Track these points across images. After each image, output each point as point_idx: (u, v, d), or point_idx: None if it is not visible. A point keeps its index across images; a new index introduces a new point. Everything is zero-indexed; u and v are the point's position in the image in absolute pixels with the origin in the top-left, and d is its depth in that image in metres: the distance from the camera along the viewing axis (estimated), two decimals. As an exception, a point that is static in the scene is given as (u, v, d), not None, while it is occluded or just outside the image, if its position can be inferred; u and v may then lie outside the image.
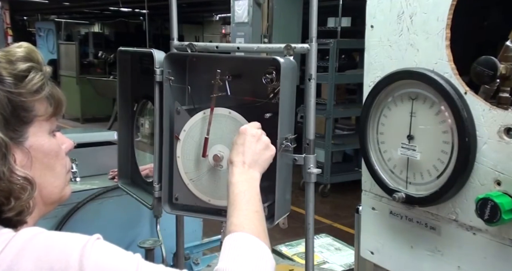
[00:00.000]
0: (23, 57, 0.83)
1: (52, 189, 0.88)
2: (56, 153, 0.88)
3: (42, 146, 0.85)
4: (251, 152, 1.13)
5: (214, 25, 16.41)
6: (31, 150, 0.82)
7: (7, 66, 0.81)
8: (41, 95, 0.83)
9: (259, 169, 1.13)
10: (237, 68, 1.39)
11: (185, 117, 1.39)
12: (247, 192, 1.05)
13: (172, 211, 1.46)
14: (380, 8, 1.29)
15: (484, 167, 1.09)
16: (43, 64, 0.87)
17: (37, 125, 0.84)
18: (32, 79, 0.82)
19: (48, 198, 0.88)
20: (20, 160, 0.80)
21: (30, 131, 0.82)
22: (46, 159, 0.86)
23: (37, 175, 0.83)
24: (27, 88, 0.81)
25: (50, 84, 0.86)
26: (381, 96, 1.28)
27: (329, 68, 5.70)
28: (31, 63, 0.84)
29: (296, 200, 1.52)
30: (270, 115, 1.30)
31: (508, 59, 1.06)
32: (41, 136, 0.84)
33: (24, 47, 0.86)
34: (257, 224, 0.98)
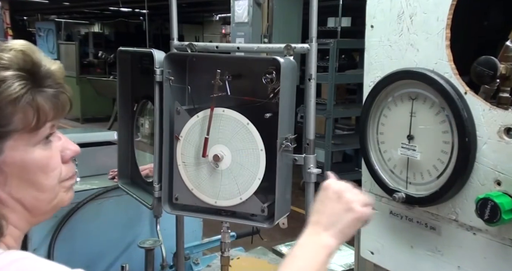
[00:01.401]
0: (7, 64, 0.74)
1: (36, 203, 0.80)
2: (41, 167, 0.78)
3: (20, 161, 0.75)
4: (329, 212, 0.98)
5: (214, 25, 16.40)
6: (4, 166, 0.74)
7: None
8: (18, 107, 0.73)
9: (336, 234, 0.96)
10: (237, 68, 1.39)
11: (185, 117, 1.39)
12: (302, 259, 0.92)
13: (172, 211, 1.46)
14: (380, 8, 1.29)
15: (484, 167, 1.09)
16: (39, 65, 0.78)
17: (16, 138, 0.74)
18: (6, 90, 0.72)
19: (36, 211, 0.81)
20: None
21: (6, 146, 0.74)
22: (25, 175, 0.77)
23: (16, 191, 0.76)
24: (0, 99, 0.72)
25: (42, 91, 0.77)
26: (381, 96, 1.28)
27: (329, 68, 5.70)
28: (15, 71, 0.74)
29: (296, 200, 1.52)
30: (270, 115, 1.30)
31: (508, 59, 1.06)
32: (19, 150, 0.75)
33: (14, 49, 0.76)
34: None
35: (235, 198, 1.35)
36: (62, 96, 0.80)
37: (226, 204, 1.37)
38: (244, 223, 1.41)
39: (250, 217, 1.39)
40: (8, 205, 0.76)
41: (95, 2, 13.12)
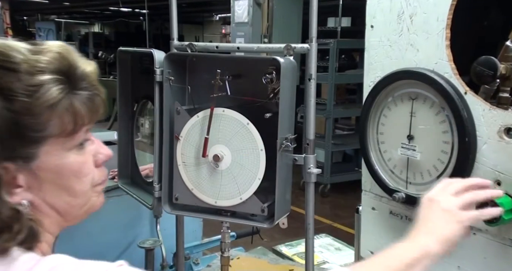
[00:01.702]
0: (45, 67, 0.71)
1: (69, 208, 0.79)
2: (75, 172, 0.77)
3: (55, 167, 0.74)
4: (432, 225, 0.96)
5: (214, 25, 16.41)
6: (39, 171, 0.72)
7: (21, 77, 0.69)
8: (56, 113, 0.71)
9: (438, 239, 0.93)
10: (237, 68, 1.39)
11: (185, 117, 1.39)
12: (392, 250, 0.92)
13: (172, 211, 1.46)
14: (380, 8, 1.29)
15: (484, 167, 1.09)
16: (76, 68, 0.75)
17: (51, 143, 0.72)
18: (44, 95, 0.69)
19: (67, 216, 0.80)
20: (25, 181, 0.72)
21: (41, 151, 0.71)
22: (59, 180, 0.75)
23: (49, 196, 0.75)
24: (37, 106, 0.69)
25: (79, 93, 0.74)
26: (381, 96, 1.28)
27: (329, 68, 5.70)
28: (53, 75, 0.71)
29: (296, 200, 1.52)
30: (270, 115, 1.30)
31: (508, 59, 1.06)
32: (55, 155, 0.73)
33: (53, 52, 0.73)
34: None
35: (235, 198, 1.35)
36: (96, 98, 0.78)
37: (226, 204, 1.37)
38: (244, 223, 1.41)
39: (250, 217, 1.39)
40: (42, 211, 0.75)
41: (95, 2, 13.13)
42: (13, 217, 0.68)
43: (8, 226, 0.67)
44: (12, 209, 0.68)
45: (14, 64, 0.69)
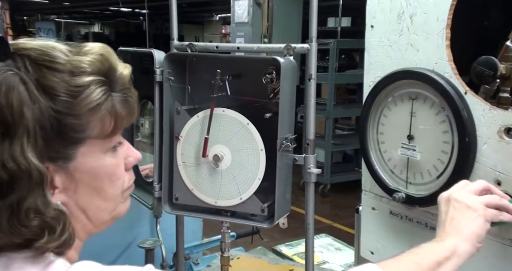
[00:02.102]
0: (88, 68, 0.71)
1: (98, 212, 0.78)
2: (109, 175, 0.77)
3: (91, 168, 0.73)
4: (455, 223, 0.96)
5: (214, 25, 16.41)
6: (76, 172, 0.72)
7: (65, 78, 0.68)
8: (98, 114, 0.71)
9: (465, 237, 0.93)
10: (237, 68, 1.39)
11: (185, 117, 1.39)
12: (421, 248, 0.93)
13: (172, 211, 1.46)
14: (380, 8, 1.29)
15: (484, 167, 1.09)
16: (116, 70, 0.75)
17: (89, 144, 0.72)
18: (89, 97, 0.69)
19: (96, 220, 0.79)
20: (62, 183, 0.71)
21: (79, 152, 0.71)
22: (94, 182, 0.75)
23: (82, 199, 0.74)
24: (79, 108, 0.69)
25: (116, 96, 0.74)
26: (381, 96, 1.28)
27: (329, 68, 5.70)
28: (96, 76, 0.71)
29: (296, 200, 1.52)
30: (270, 115, 1.30)
31: (508, 59, 1.06)
32: (91, 157, 0.73)
33: (93, 53, 0.73)
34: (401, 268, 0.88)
35: (235, 198, 1.35)
36: (131, 101, 0.78)
37: (226, 204, 1.37)
38: (244, 223, 1.41)
39: (250, 217, 1.39)
40: (74, 214, 0.74)
41: (95, 2, 13.14)
42: (57, 218, 0.68)
43: (51, 227, 0.67)
44: (56, 210, 0.68)
45: (59, 64, 0.69)
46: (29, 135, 0.65)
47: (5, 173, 0.64)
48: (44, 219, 0.66)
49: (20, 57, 0.68)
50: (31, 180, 0.65)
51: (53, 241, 0.67)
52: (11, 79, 0.66)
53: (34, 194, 0.66)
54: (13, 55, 0.68)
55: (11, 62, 0.67)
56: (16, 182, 0.64)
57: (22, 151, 0.64)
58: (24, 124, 0.65)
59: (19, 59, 0.68)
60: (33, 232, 0.66)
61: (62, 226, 0.68)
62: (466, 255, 0.92)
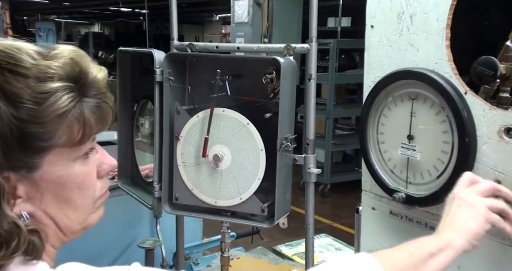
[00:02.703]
0: (55, 74, 0.67)
1: (68, 222, 0.74)
2: (78, 184, 0.73)
3: (59, 178, 0.70)
4: (455, 220, 0.95)
5: (214, 25, 16.41)
6: (41, 182, 0.68)
7: (30, 83, 0.64)
8: (65, 122, 0.67)
9: (462, 234, 0.92)
10: (237, 68, 1.39)
11: (185, 117, 1.39)
12: (417, 240, 0.92)
13: (172, 211, 1.47)
14: (380, 8, 1.29)
15: (484, 167, 1.09)
16: (87, 74, 0.71)
17: (56, 152, 0.68)
18: (54, 104, 0.65)
19: (65, 230, 0.76)
20: (27, 192, 0.68)
21: (45, 160, 0.67)
22: (62, 192, 0.71)
23: (50, 208, 0.71)
24: (44, 115, 0.65)
25: (89, 101, 0.70)
26: (381, 96, 1.28)
27: (329, 68, 5.70)
28: (64, 82, 0.67)
29: (296, 200, 1.52)
30: (270, 115, 1.30)
31: (508, 59, 1.06)
32: (59, 166, 0.69)
33: (64, 58, 0.69)
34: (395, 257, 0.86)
35: (235, 198, 1.35)
36: (105, 106, 0.74)
37: (226, 204, 1.37)
38: (244, 223, 1.41)
39: (250, 217, 1.39)
40: (43, 222, 0.71)
41: (95, 2, 13.14)
42: (11, 231, 0.63)
43: (6, 241, 0.63)
44: (12, 223, 0.64)
45: (24, 68, 0.65)
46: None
47: None
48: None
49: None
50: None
51: (7, 257, 0.63)
52: None
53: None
54: None
55: None
56: None
57: None
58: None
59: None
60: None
61: (17, 240, 0.64)
62: (461, 249, 0.91)
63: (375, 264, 0.81)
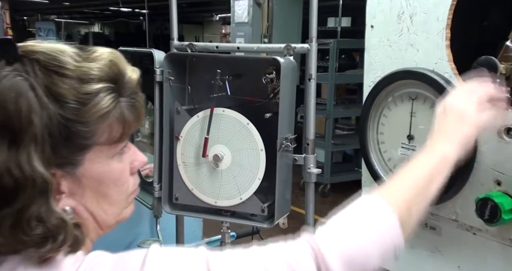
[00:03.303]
0: (98, 75, 0.69)
1: (105, 216, 0.78)
2: (115, 180, 0.76)
3: (98, 174, 0.73)
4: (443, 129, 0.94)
5: (214, 25, 16.41)
6: (82, 178, 0.71)
7: (74, 84, 0.67)
8: (106, 122, 0.70)
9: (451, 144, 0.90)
10: (237, 68, 1.39)
11: (185, 117, 1.39)
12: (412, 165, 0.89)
13: (172, 211, 1.47)
14: (380, 8, 1.29)
15: (484, 167, 1.09)
16: (125, 75, 0.74)
17: (96, 150, 0.71)
18: (98, 104, 0.68)
19: (102, 224, 0.79)
20: (69, 188, 0.71)
21: (86, 158, 0.70)
22: (100, 188, 0.75)
23: (89, 203, 0.74)
24: (89, 115, 0.68)
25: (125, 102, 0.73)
26: (381, 96, 1.28)
27: (329, 68, 5.69)
28: (105, 83, 0.70)
29: (296, 200, 1.52)
30: (270, 115, 1.30)
31: (508, 59, 1.06)
32: (99, 163, 0.73)
33: (104, 59, 0.72)
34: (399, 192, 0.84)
35: (235, 198, 1.35)
36: (138, 105, 0.77)
37: (226, 204, 1.37)
38: (244, 223, 1.41)
39: (250, 217, 1.39)
40: (83, 217, 0.74)
41: (95, 2, 13.14)
42: (59, 226, 0.67)
43: (53, 235, 0.66)
44: (59, 219, 0.67)
45: (68, 70, 0.68)
46: (37, 142, 0.64)
47: (11, 180, 0.63)
48: (47, 228, 0.66)
49: (29, 61, 0.67)
50: (35, 188, 0.64)
51: (54, 250, 0.66)
52: (20, 85, 0.64)
53: (38, 202, 0.65)
54: (22, 58, 0.67)
55: (20, 66, 0.66)
56: (20, 190, 0.64)
57: (28, 159, 0.64)
58: (32, 131, 0.64)
59: (28, 62, 0.66)
60: (34, 241, 0.65)
61: (64, 235, 0.67)
62: (454, 160, 0.90)
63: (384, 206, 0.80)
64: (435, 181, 0.87)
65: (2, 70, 0.65)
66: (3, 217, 0.64)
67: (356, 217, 0.79)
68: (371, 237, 0.76)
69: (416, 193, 0.84)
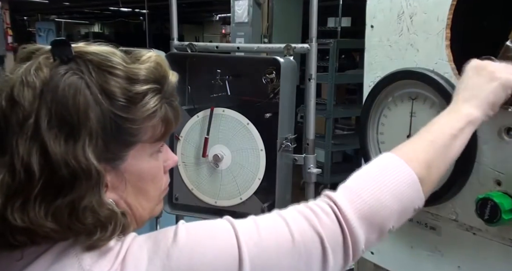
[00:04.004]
0: (146, 77, 0.73)
1: (142, 211, 0.81)
2: (153, 177, 0.80)
3: (139, 170, 0.77)
4: (470, 87, 0.92)
5: (214, 25, 16.40)
6: (125, 173, 0.75)
7: (125, 84, 0.71)
8: (152, 121, 0.74)
9: (478, 105, 0.90)
10: (237, 68, 1.39)
11: (185, 117, 1.39)
12: (434, 124, 0.89)
13: (172, 211, 1.47)
14: (380, 8, 1.29)
15: (484, 167, 1.09)
16: (168, 78, 0.78)
17: (139, 148, 0.75)
18: (146, 104, 0.72)
19: (138, 219, 0.82)
20: (112, 182, 0.74)
21: (130, 154, 0.74)
22: (140, 183, 0.78)
23: (128, 198, 0.78)
24: (137, 114, 0.72)
25: (165, 103, 0.76)
26: (381, 96, 1.28)
27: (329, 68, 5.69)
28: (152, 84, 0.74)
29: (296, 200, 1.52)
30: (270, 115, 1.30)
31: (508, 59, 1.06)
32: (140, 160, 0.76)
33: (151, 62, 0.75)
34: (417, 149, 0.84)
35: (235, 198, 1.35)
36: (177, 106, 0.80)
37: (226, 204, 1.37)
38: (244, 223, 1.41)
39: (250, 217, 1.39)
40: (124, 210, 0.77)
41: (95, 2, 13.14)
42: (109, 217, 0.70)
43: (104, 225, 0.69)
44: (109, 210, 0.71)
45: (120, 71, 0.71)
46: (91, 137, 0.68)
47: (67, 172, 0.66)
48: (98, 218, 0.69)
49: (82, 61, 0.70)
50: (90, 180, 0.68)
51: (104, 239, 0.69)
52: (77, 83, 0.68)
53: (91, 193, 0.68)
54: (75, 58, 0.70)
55: (74, 65, 0.70)
56: (76, 181, 0.67)
57: (84, 152, 0.67)
58: (88, 126, 0.67)
59: (81, 62, 0.70)
60: (87, 229, 0.68)
61: (113, 225, 0.70)
62: (479, 123, 0.90)
63: (402, 163, 0.81)
64: (458, 142, 0.86)
65: (59, 69, 0.69)
66: (60, 207, 0.67)
67: (374, 173, 0.83)
68: (390, 191, 0.79)
69: (436, 153, 0.85)
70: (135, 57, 0.76)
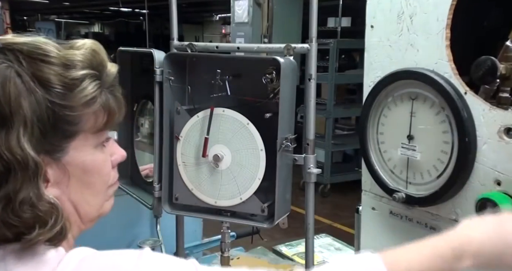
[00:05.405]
0: (81, 62, 0.71)
1: (88, 208, 0.79)
2: (99, 169, 0.77)
3: (83, 162, 0.74)
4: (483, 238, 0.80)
5: (214, 25, 16.40)
6: (68, 166, 0.72)
7: (60, 71, 0.69)
8: (91, 108, 0.72)
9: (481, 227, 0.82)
10: (237, 68, 1.39)
11: (185, 117, 1.39)
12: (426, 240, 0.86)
13: (172, 211, 1.47)
14: (380, 8, 1.29)
15: (484, 167, 1.09)
16: (106, 66, 0.76)
17: (81, 138, 0.73)
18: (84, 90, 0.70)
19: (85, 217, 0.79)
20: (55, 176, 0.71)
21: (71, 146, 0.72)
22: (85, 177, 0.75)
23: (74, 193, 0.75)
24: (75, 100, 0.69)
25: (106, 92, 0.75)
26: (381, 96, 1.28)
27: (329, 68, 5.70)
28: (89, 70, 0.72)
29: (296, 200, 1.52)
30: (270, 115, 1.30)
31: (508, 59, 1.06)
32: (83, 151, 0.74)
33: (86, 48, 0.74)
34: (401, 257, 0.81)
35: (235, 198, 1.35)
36: (119, 96, 0.79)
37: (226, 204, 1.37)
38: (244, 223, 1.41)
39: (250, 217, 1.39)
40: (66, 209, 0.74)
41: (95, 2, 13.15)
42: (49, 211, 0.68)
43: (43, 220, 0.67)
44: (49, 204, 0.68)
45: (53, 58, 0.70)
46: (26, 126, 0.66)
47: (1, 164, 0.64)
48: (36, 212, 0.66)
49: (11, 52, 0.69)
50: (27, 172, 0.65)
51: (44, 235, 0.67)
52: (5, 71, 0.67)
53: (28, 186, 0.66)
54: (2, 50, 0.69)
55: (2, 56, 0.68)
56: (12, 173, 0.65)
57: (18, 142, 0.65)
58: (21, 115, 0.65)
59: (9, 53, 0.69)
60: (25, 224, 0.66)
61: (53, 220, 0.68)
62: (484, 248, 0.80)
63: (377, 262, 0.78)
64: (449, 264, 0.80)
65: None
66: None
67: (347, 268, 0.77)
68: None
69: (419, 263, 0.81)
70: (70, 45, 0.74)
